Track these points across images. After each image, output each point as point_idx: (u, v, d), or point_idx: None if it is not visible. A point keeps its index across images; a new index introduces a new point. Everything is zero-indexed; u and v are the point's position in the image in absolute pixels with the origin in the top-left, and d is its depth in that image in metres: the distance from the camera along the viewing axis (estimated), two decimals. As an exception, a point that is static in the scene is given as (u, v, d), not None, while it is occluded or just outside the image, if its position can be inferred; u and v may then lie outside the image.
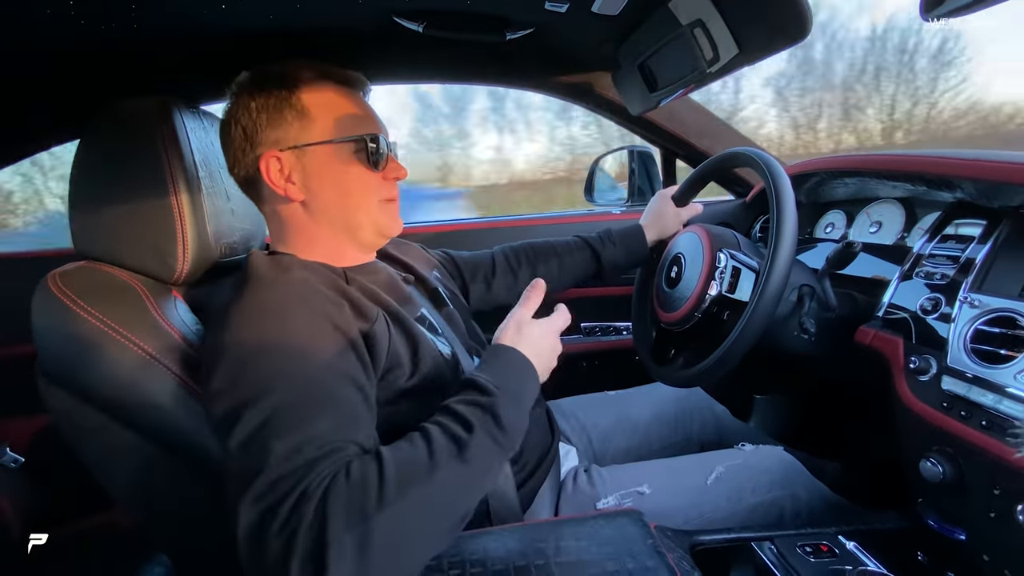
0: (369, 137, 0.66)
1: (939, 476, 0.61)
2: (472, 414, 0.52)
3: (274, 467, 0.46)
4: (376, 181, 0.69)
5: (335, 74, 0.68)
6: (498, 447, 0.52)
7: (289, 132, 0.64)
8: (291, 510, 0.44)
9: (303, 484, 0.45)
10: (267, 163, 0.64)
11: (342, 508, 0.44)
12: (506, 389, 0.56)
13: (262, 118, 0.64)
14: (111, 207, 0.64)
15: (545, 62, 1.16)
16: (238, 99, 0.65)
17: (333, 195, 0.67)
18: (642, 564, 0.49)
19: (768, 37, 0.72)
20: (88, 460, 0.65)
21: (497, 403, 0.53)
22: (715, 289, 0.82)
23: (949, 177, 0.74)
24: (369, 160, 0.67)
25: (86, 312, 0.58)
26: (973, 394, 0.60)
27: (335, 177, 0.66)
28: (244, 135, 0.65)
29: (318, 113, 0.65)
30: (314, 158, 0.65)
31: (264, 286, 0.58)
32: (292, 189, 0.65)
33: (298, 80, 0.65)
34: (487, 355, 0.62)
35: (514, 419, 0.54)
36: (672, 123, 1.29)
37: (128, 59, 0.82)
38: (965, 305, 0.65)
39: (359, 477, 0.46)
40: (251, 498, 0.46)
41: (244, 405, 0.49)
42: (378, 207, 0.70)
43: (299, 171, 0.65)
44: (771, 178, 0.75)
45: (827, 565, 0.59)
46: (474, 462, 0.50)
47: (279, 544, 0.43)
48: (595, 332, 1.37)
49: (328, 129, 0.65)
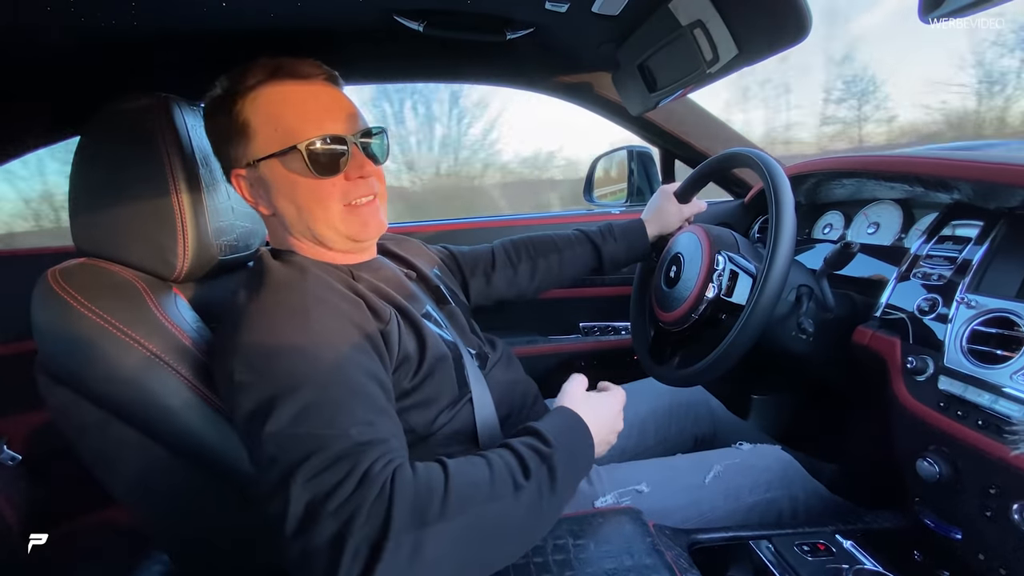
0: (306, 144, 0.60)
1: (935, 476, 0.62)
2: (531, 459, 0.53)
3: (330, 447, 0.46)
4: (328, 188, 0.63)
5: (286, 69, 0.64)
6: (543, 499, 0.52)
7: (238, 150, 0.64)
8: (353, 491, 0.44)
9: (363, 466, 0.46)
10: (237, 181, 0.66)
11: (408, 504, 0.44)
12: (564, 448, 0.56)
13: (215, 138, 0.67)
14: (111, 204, 0.64)
15: (545, 62, 1.16)
16: (204, 118, 0.68)
17: (291, 209, 0.64)
18: (640, 562, 0.50)
19: (768, 38, 0.72)
20: (87, 457, 0.65)
21: (555, 456, 0.54)
22: (712, 291, 0.83)
23: (946, 178, 0.74)
24: (311, 168, 0.61)
25: (86, 309, 0.58)
26: (969, 394, 0.60)
27: (287, 191, 0.63)
28: (217, 155, 0.67)
29: (259, 126, 0.62)
30: (267, 172, 0.64)
31: (283, 287, 0.58)
32: (261, 204, 0.66)
33: (241, 92, 0.63)
34: (552, 413, 0.62)
35: (565, 480, 0.54)
36: (671, 123, 1.30)
37: (128, 56, 0.82)
38: (962, 306, 0.66)
39: (425, 479, 0.47)
40: (304, 477, 0.46)
41: (278, 395, 0.49)
42: (340, 215, 0.64)
43: (261, 186, 0.65)
44: (770, 179, 0.75)
45: (824, 564, 0.60)
46: (524, 505, 0.50)
47: (336, 524, 0.43)
48: (594, 332, 1.37)
49: (266, 143, 0.62)
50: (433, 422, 0.65)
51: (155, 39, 0.79)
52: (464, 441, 0.68)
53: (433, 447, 0.65)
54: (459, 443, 0.68)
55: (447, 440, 0.67)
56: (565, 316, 1.39)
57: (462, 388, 0.69)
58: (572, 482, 0.57)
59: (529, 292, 1.02)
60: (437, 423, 0.66)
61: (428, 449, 0.65)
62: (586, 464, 0.60)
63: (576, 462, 0.58)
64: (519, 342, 1.32)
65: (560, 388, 0.68)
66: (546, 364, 1.31)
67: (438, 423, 0.66)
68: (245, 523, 0.67)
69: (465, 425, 0.68)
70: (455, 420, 0.67)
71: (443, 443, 0.66)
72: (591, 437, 0.61)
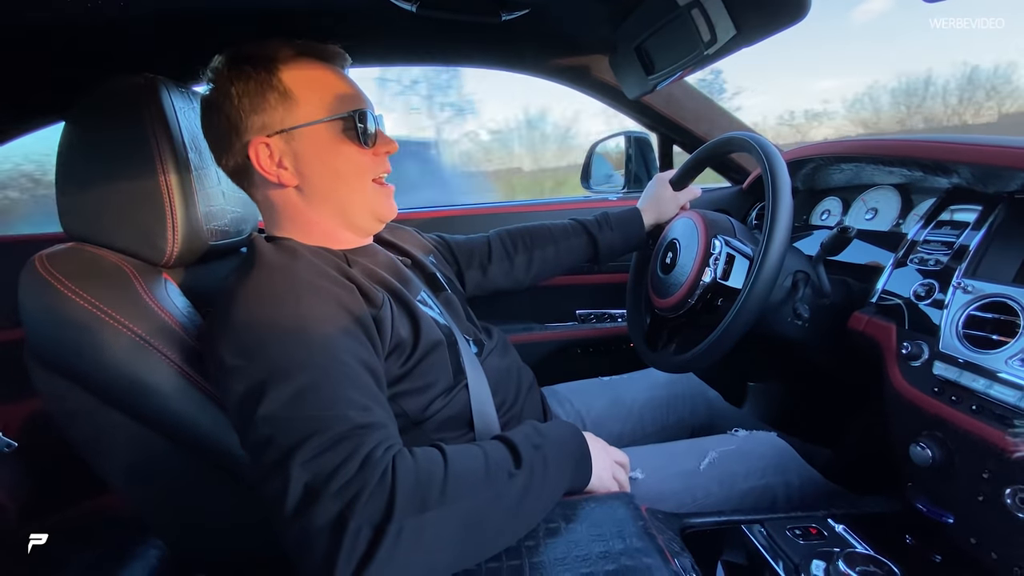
0: (357, 114, 0.64)
1: (928, 460, 0.62)
2: (525, 448, 0.54)
3: (330, 428, 0.46)
4: (368, 159, 0.67)
5: (314, 50, 0.66)
6: (536, 486, 0.53)
7: (274, 116, 0.62)
8: (355, 473, 0.44)
9: (364, 448, 0.46)
10: (256, 150, 0.63)
11: (410, 489, 0.45)
12: (555, 442, 0.58)
13: (244, 104, 0.62)
14: (98, 187, 0.63)
15: (541, 44, 1.14)
16: (218, 85, 0.63)
17: (326, 178, 0.65)
18: (632, 545, 0.50)
19: (766, 18, 0.70)
20: (79, 443, 0.64)
21: (547, 446, 0.56)
22: (709, 276, 0.82)
23: (945, 162, 0.73)
24: (359, 138, 0.64)
25: (74, 294, 0.57)
26: (964, 379, 0.60)
27: (326, 159, 0.65)
28: (229, 123, 0.63)
29: (302, 93, 0.63)
30: (303, 141, 0.63)
31: (274, 271, 0.58)
32: (284, 175, 0.64)
33: (277, 60, 0.63)
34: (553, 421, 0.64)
35: (558, 469, 0.56)
36: (669, 108, 1.28)
37: (115, 38, 0.80)
38: (958, 291, 0.65)
39: (426, 464, 0.47)
40: (303, 458, 0.45)
41: (272, 378, 0.49)
42: (373, 189, 0.68)
43: (289, 156, 0.64)
44: (768, 163, 0.74)
45: (816, 547, 0.60)
46: (518, 491, 0.51)
47: (337, 505, 0.43)
48: (590, 319, 1.37)
49: (314, 109, 0.63)
50: (427, 407, 0.65)
51: (143, 20, 0.77)
52: (459, 427, 0.68)
53: (427, 432, 0.65)
54: (454, 429, 0.68)
55: (441, 426, 0.66)
56: (561, 303, 1.38)
57: (457, 375, 0.68)
58: (567, 471, 0.58)
59: (525, 283, 1.01)
60: (431, 409, 0.65)
61: (422, 434, 0.65)
62: (580, 454, 0.61)
63: (568, 450, 0.59)
64: (515, 330, 1.32)
65: (556, 374, 0.69)
66: (542, 351, 1.31)
67: (432, 408, 0.65)
68: (240, 508, 0.67)
69: (460, 411, 0.68)
70: (450, 406, 0.67)
71: (437, 429, 0.66)
72: (587, 446, 0.62)
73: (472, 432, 0.68)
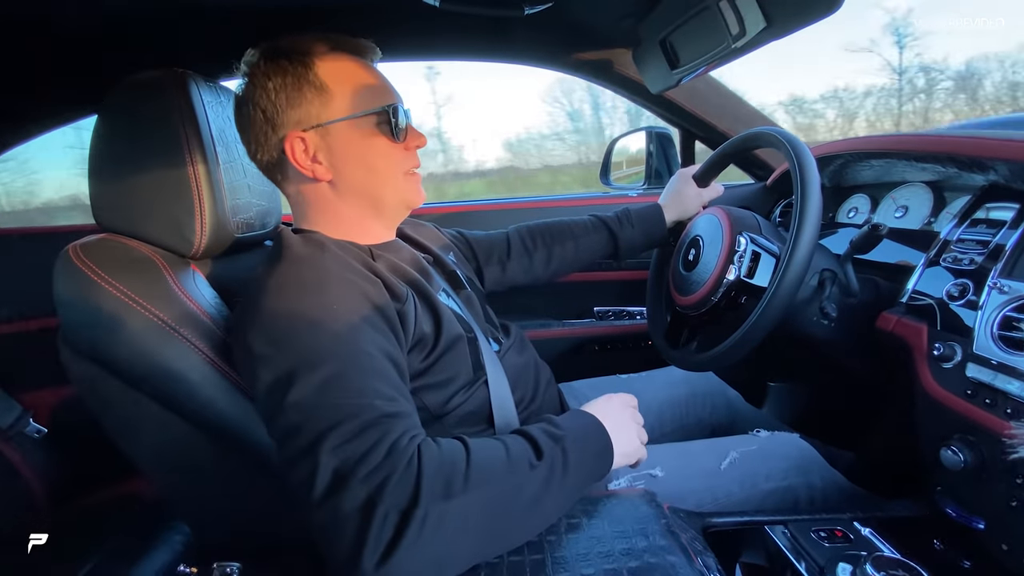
0: (391, 108, 0.65)
1: (960, 464, 0.60)
2: (544, 441, 0.54)
3: (359, 416, 0.47)
4: (400, 153, 0.67)
5: (347, 44, 0.66)
6: (557, 478, 0.52)
7: (311, 110, 0.63)
8: (383, 459, 0.45)
9: (391, 436, 0.47)
10: (291, 144, 0.63)
11: (435, 475, 0.46)
12: (574, 433, 0.57)
13: (281, 98, 0.62)
14: (129, 180, 0.64)
15: (563, 38, 1.13)
16: (253, 80, 0.63)
17: (360, 172, 0.66)
18: (655, 543, 0.49)
19: (798, 8, 0.69)
20: (111, 429, 0.66)
21: (567, 438, 0.55)
22: (733, 273, 0.81)
23: (982, 158, 0.71)
24: (392, 132, 0.65)
25: (106, 283, 0.59)
26: (999, 381, 0.58)
27: (360, 153, 0.65)
28: (264, 117, 0.63)
29: (337, 88, 0.63)
30: (338, 135, 0.64)
31: (303, 262, 0.58)
32: (319, 169, 0.64)
33: (313, 54, 0.63)
34: (568, 413, 0.64)
35: (579, 462, 0.55)
36: (693, 103, 1.26)
37: (146, 33, 0.82)
38: (994, 291, 0.63)
39: (449, 452, 0.48)
40: (332, 444, 0.46)
41: (300, 367, 0.50)
42: (404, 180, 0.69)
43: (324, 150, 0.64)
44: (796, 159, 0.73)
45: (841, 550, 0.59)
46: (539, 483, 0.51)
47: (366, 490, 0.44)
48: (608, 316, 1.36)
49: (349, 104, 0.64)
50: (448, 402, 0.65)
51: (173, 16, 0.79)
52: (479, 422, 0.69)
53: (448, 427, 0.66)
54: (474, 424, 0.68)
55: (461, 420, 0.67)
56: (579, 300, 1.38)
57: (477, 370, 0.69)
58: (588, 463, 0.57)
59: (544, 279, 1.01)
60: (452, 403, 0.66)
61: (443, 429, 0.65)
62: (601, 447, 0.60)
63: (588, 444, 0.58)
64: (533, 326, 1.32)
65: (573, 371, 0.68)
66: (559, 348, 1.30)
67: (453, 403, 0.66)
68: (266, 495, 0.68)
69: (480, 406, 0.68)
70: (470, 401, 0.67)
71: (457, 423, 0.66)
72: (604, 429, 0.62)
73: (492, 427, 0.68)
